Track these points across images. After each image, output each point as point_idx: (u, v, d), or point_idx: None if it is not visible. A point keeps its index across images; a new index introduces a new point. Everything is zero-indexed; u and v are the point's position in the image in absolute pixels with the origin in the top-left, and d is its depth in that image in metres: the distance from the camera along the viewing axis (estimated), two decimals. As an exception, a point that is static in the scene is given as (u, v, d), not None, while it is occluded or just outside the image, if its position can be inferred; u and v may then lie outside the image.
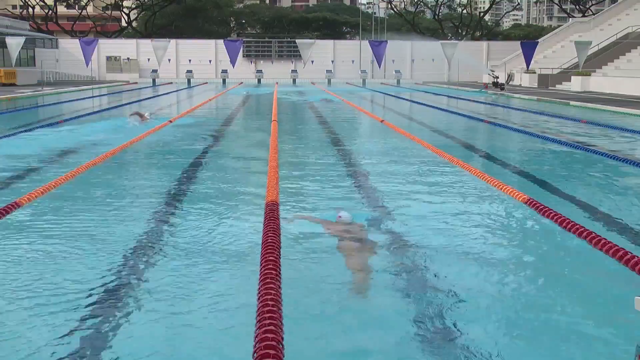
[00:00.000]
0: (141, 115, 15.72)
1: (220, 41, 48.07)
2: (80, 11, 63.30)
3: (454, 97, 28.92)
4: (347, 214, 5.92)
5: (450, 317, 3.89)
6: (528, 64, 34.70)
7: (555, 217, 5.72)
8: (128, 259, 4.96)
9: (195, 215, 6.36)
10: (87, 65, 31.76)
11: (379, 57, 34.64)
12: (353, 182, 8.23)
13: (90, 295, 4.17)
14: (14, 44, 28.11)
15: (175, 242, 5.39)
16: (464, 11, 67.99)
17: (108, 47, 51.42)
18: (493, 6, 75.57)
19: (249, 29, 70.83)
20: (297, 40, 29.85)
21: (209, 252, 5.15)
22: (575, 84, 31.91)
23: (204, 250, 5.18)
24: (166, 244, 5.36)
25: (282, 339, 2.87)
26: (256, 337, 2.89)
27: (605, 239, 4.84)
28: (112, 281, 4.42)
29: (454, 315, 3.91)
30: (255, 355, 2.72)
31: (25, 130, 13.46)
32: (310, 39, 30.22)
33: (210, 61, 50.32)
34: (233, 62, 33.49)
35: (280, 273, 3.88)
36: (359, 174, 8.76)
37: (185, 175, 8.74)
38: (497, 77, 34.64)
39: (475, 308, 4.04)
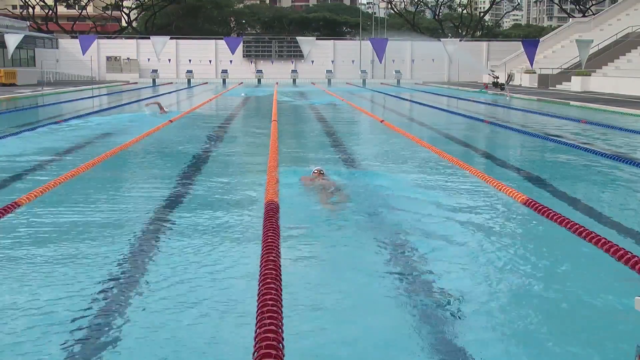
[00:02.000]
0: (161, 107, 17.51)
1: (220, 41, 48.12)
2: (80, 11, 63.26)
3: (454, 97, 28.91)
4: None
5: (447, 317, 3.89)
6: (531, 62, 34.54)
7: (554, 217, 5.72)
8: (125, 262, 4.95)
9: (194, 214, 6.35)
10: (83, 54, 31.55)
11: (379, 53, 34.56)
12: (354, 181, 8.21)
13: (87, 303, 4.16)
14: (12, 39, 28.09)
15: (173, 243, 5.38)
16: (464, 11, 67.99)
17: (108, 47, 51.42)
18: (493, 6, 75.53)
19: (248, 29, 70.81)
20: (297, 38, 29.89)
21: (208, 250, 5.14)
22: (575, 84, 31.91)
23: (203, 249, 5.17)
24: (164, 245, 5.35)
25: (283, 339, 2.87)
26: (256, 337, 2.89)
27: (605, 239, 4.83)
28: (103, 291, 4.39)
29: (450, 314, 3.90)
30: (255, 354, 2.73)
31: (25, 130, 13.44)
32: (310, 47, 30.18)
33: (210, 61, 50.34)
34: (232, 51, 33.41)
35: (280, 273, 3.88)
36: (360, 174, 8.74)
37: (184, 174, 8.73)
38: (497, 77, 34.64)
39: (473, 308, 4.03)
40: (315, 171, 7.50)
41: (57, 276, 4.55)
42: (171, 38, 35.17)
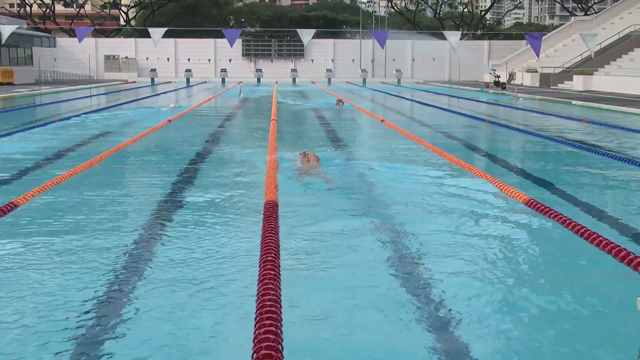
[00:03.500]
0: (171, 104, 19.91)
1: (219, 40, 48.01)
2: (78, 10, 63.14)
3: (455, 97, 28.78)
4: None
5: (448, 318, 3.78)
6: (538, 54, 34.30)
7: (556, 218, 5.68)
8: (124, 265, 4.85)
9: (193, 215, 6.25)
10: (79, 42, 31.40)
11: (381, 43, 34.25)
12: (355, 182, 8.04)
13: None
14: (6, 28, 27.86)
15: (172, 243, 5.29)
16: (465, 10, 67.76)
17: (106, 46, 51.27)
18: (494, 5, 75.37)
19: (248, 27, 70.70)
20: (298, 30, 29.73)
21: (206, 250, 5.02)
22: (578, 83, 31.78)
23: (201, 249, 5.05)
24: (162, 246, 5.26)
25: (282, 339, 2.87)
26: (255, 337, 2.87)
27: (607, 240, 4.80)
28: (95, 298, 4.32)
29: (451, 316, 3.80)
30: (255, 355, 2.72)
31: (22, 130, 13.34)
32: (310, 37, 29.93)
33: (209, 60, 50.23)
34: (231, 43, 33.13)
35: (279, 273, 3.86)
36: (360, 175, 8.57)
37: (182, 174, 8.61)
38: (499, 77, 34.46)
39: (473, 309, 3.94)
40: (301, 154, 8.40)
41: (57, 276, 4.48)
42: (169, 31, 34.52)
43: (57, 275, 4.51)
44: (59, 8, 64.67)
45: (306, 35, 29.39)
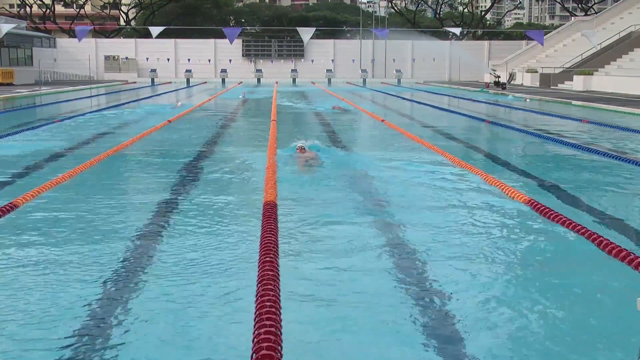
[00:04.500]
0: (179, 102, 21.47)
1: (219, 40, 48.05)
2: (78, 10, 63.12)
3: (456, 97, 28.76)
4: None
5: (449, 320, 3.77)
6: (542, 43, 34.35)
7: (556, 218, 5.67)
8: (121, 265, 4.83)
9: (191, 215, 6.24)
10: (78, 40, 31.29)
11: (382, 35, 34.33)
12: (354, 182, 8.04)
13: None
14: (5, 26, 27.85)
15: (171, 242, 5.27)
16: (466, 10, 67.74)
17: (106, 46, 51.25)
18: (494, 5, 75.32)
19: (248, 28, 70.68)
20: (298, 29, 29.81)
21: (205, 250, 5.01)
22: (578, 83, 31.76)
23: (200, 249, 5.04)
24: (161, 245, 5.24)
25: (282, 340, 2.88)
26: (255, 337, 2.87)
27: (608, 240, 4.79)
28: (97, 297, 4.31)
29: (452, 318, 3.79)
30: (255, 355, 2.72)
31: (22, 130, 13.32)
32: (310, 37, 29.99)
33: (209, 60, 50.21)
34: (231, 41, 33.17)
35: (278, 273, 3.85)
36: (360, 176, 8.56)
37: (182, 175, 8.60)
38: (499, 77, 34.43)
39: (473, 309, 3.92)
40: (298, 148, 8.98)
41: (55, 275, 4.48)
42: (169, 31, 34.52)
43: (55, 275, 4.49)
44: (59, 8, 64.67)
45: (306, 33, 29.42)
